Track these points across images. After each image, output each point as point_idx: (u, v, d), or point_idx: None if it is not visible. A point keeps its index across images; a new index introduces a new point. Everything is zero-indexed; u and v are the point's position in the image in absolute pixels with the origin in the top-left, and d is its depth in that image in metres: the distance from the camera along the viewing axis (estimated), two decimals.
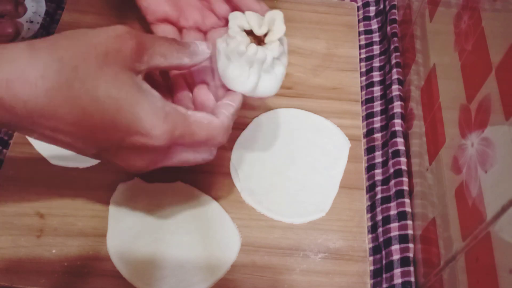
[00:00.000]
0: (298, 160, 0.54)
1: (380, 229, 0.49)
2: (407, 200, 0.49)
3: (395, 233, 0.48)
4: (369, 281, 0.48)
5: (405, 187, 0.50)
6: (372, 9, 0.67)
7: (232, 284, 0.47)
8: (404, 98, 0.56)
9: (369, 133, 0.56)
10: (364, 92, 0.60)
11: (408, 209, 0.48)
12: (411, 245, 0.47)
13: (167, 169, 0.52)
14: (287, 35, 0.42)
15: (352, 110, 0.58)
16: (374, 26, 0.65)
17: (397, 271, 0.46)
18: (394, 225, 0.48)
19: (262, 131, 0.56)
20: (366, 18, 0.66)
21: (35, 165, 0.52)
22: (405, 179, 0.50)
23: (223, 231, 0.49)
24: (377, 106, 0.58)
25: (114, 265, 0.47)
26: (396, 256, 0.46)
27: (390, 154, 0.52)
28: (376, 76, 0.60)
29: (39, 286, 0.46)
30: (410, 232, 0.47)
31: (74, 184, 0.51)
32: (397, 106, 0.54)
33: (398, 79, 0.56)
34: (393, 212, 0.49)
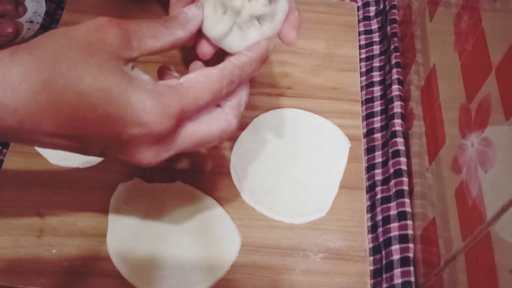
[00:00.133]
0: (298, 160, 0.54)
1: (380, 229, 0.49)
2: (407, 200, 0.49)
3: (395, 233, 0.48)
4: (369, 281, 0.48)
5: (405, 187, 0.50)
6: (372, 9, 0.67)
7: (232, 284, 0.47)
8: (404, 98, 0.56)
9: (369, 133, 0.56)
10: (364, 92, 0.60)
11: (408, 209, 0.48)
12: (411, 245, 0.47)
13: (167, 169, 0.52)
14: None
15: (352, 110, 0.58)
16: (374, 26, 0.65)
17: (397, 271, 0.46)
18: (394, 225, 0.48)
19: (262, 131, 0.56)
20: (366, 18, 0.66)
21: (35, 165, 0.52)
22: (405, 179, 0.50)
23: (223, 231, 0.49)
24: (377, 106, 0.58)
25: (114, 265, 0.47)
26: (396, 256, 0.46)
27: (390, 154, 0.52)
28: (376, 76, 0.60)
29: (39, 286, 0.46)
30: (410, 232, 0.47)
31: (74, 184, 0.51)
32: (397, 106, 0.54)
33: (398, 79, 0.56)
34: (393, 212, 0.49)
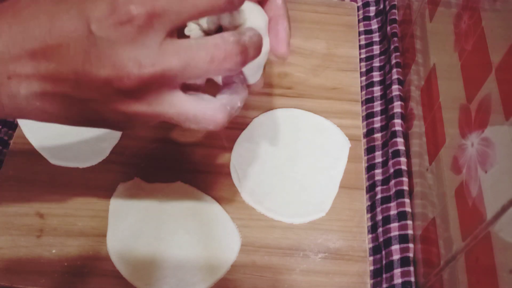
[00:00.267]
0: (298, 160, 0.54)
1: (380, 229, 0.49)
2: (407, 200, 0.49)
3: (395, 233, 0.48)
4: (369, 281, 0.48)
5: (405, 187, 0.50)
6: (372, 9, 0.67)
7: (232, 284, 0.47)
8: (404, 98, 0.56)
9: (369, 133, 0.56)
10: (364, 92, 0.60)
11: (408, 209, 0.48)
12: (411, 245, 0.47)
13: (167, 169, 0.52)
14: None
15: (352, 110, 0.58)
16: (374, 26, 0.65)
17: (397, 271, 0.46)
18: (394, 225, 0.48)
19: (262, 131, 0.56)
20: (366, 18, 0.66)
21: (35, 165, 0.52)
22: (405, 179, 0.50)
23: (223, 231, 0.49)
24: (377, 106, 0.58)
25: (114, 265, 0.47)
26: (396, 256, 0.46)
27: (390, 154, 0.52)
28: (376, 76, 0.60)
29: (39, 286, 0.46)
30: (410, 232, 0.47)
31: (74, 184, 0.51)
32: (397, 106, 0.54)
33: (398, 79, 0.56)
34: (393, 212, 0.49)
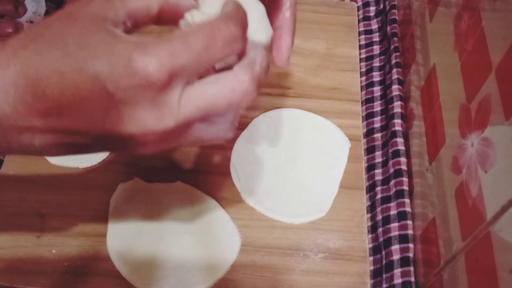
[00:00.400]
0: (298, 160, 0.54)
1: (380, 229, 0.49)
2: (407, 200, 0.49)
3: (395, 233, 0.48)
4: (369, 281, 0.47)
5: (405, 187, 0.50)
6: (372, 9, 0.67)
7: (232, 284, 0.47)
8: (404, 98, 0.56)
9: (369, 133, 0.56)
10: (364, 92, 0.60)
11: (408, 209, 0.48)
12: (411, 245, 0.46)
13: (167, 169, 0.52)
14: None
15: (352, 110, 0.58)
16: (374, 26, 0.65)
17: (397, 271, 0.46)
18: (394, 225, 0.48)
19: (262, 131, 0.56)
20: (366, 18, 0.66)
21: (35, 165, 0.52)
22: (405, 179, 0.50)
23: (223, 231, 0.49)
24: (377, 106, 0.58)
25: (114, 265, 0.47)
26: (396, 256, 0.46)
27: (390, 154, 0.52)
28: (376, 76, 0.60)
29: (39, 286, 0.46)
30: (410, 232, 0.47)
31: (74, 184, 0.51)
32: (397, 106, 0.54)
33: (398, 79, 0.56)
34: (393, 212, 0.49)
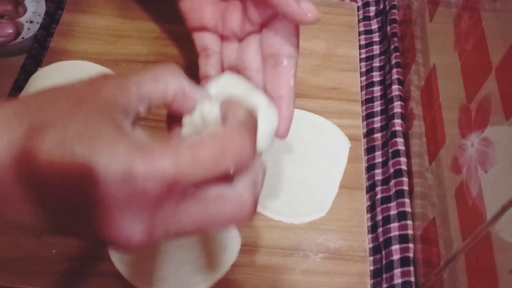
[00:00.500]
0: (298, 160, 0.54)
1: (380, 229, 0.49)
2: (407, 200, 0.49)
3: (395, 233, 0.48)
4: (369, 281, 0.47)
5: (405, 187, 0.50)
6: (372, 9, 0.67)
7: (232, 284, 0.47)
8: (404, 98, 0.56)
9: (369, 133, 0.56)
10: (364, 92, 0.60)
11: (408, 209, 0.48)
12: (411, 245, 0.47)
13: None
14: None
15: (352, 110, 0.58)
16: (374, 26, 0.65)
17: (397, 271, 0.46)
18: (394, 225, 0.48)
19: None
20: (366, 18, 0.66)
21: None
22: (405, 179, 0.50)
23: (223, 231, 0.49)
24: (377, 106, 0.58)
25: (114, 265, 0.47)
26: (396, 256, 0.46)
27: (390, 154, 0.52)
28: (376, 76, 0.60)
29: (39, 286, 0.46)
30: (410, 232, 0.47)
31: None
32: (397, 106, 0.54)
33: (398, 79, 0.56)
34: (393, 212, 0.49)
